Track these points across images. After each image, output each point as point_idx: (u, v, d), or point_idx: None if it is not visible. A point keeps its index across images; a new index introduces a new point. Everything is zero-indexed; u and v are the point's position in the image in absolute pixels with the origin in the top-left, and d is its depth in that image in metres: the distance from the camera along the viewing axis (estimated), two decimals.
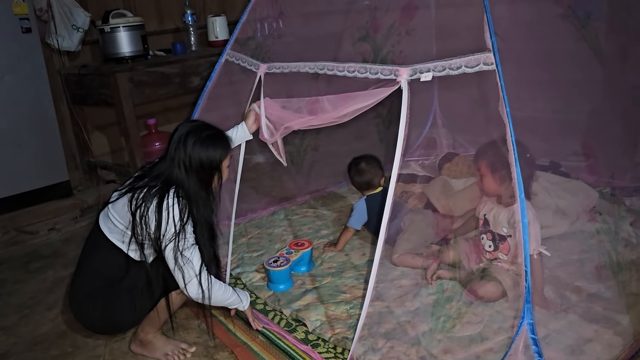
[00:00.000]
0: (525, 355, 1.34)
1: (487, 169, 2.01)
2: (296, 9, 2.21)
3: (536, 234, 1.91)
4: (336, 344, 1.85)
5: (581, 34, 2.54)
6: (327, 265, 2.39)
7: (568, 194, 2.48)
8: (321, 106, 1.87)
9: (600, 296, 1.95)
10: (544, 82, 3.14)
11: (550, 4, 2.48)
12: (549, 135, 3.25)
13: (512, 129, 1.38)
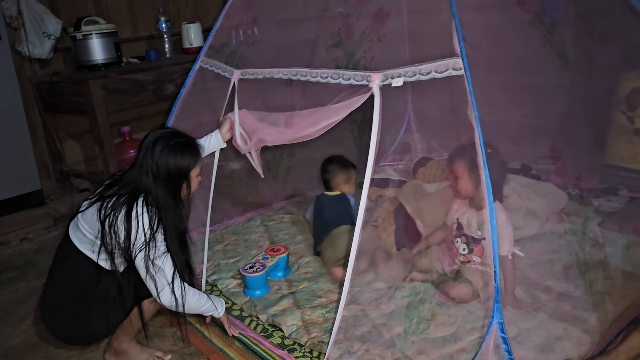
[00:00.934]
0: (496, 354, 1.37)
1: (464, 170, 2.02)
2: (270, 16, 2.23)
3: (509, 235, 1.96)
4: (312, 348, 1.86)
5: (547, 40, 2.61)
6: (303, 271, 2.40)
7: (538, 196, 2.54)
8: (297, 121, 1.89)
9: (569, 295, 2.00)
10: (514, 87, 3.21)
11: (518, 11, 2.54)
12: (519, 139, 3.32)
13: (481, 133, 1.41)
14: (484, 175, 1.40)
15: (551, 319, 1.87)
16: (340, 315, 1.67)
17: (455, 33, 1.44)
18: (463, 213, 2.10)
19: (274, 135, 2.02)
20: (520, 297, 1.99)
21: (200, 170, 1.84)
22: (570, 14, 3.03)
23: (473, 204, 2.07)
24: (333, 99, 1.76)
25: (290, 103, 2.01)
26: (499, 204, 1.99)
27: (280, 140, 2.03)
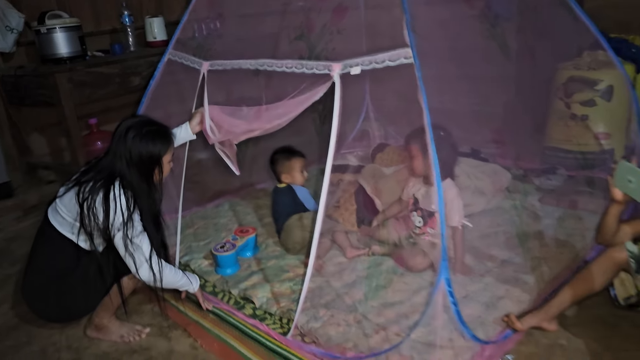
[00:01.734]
0: (444, 307, 1.58)
1: (418, 151, 2.20)
2: (235, 10, 2.36)
3: (459, 208, 2.17)
4: (282, 316, 2.02)
5: (491, 33, 2.84)
6: (271, 249, 2.56)
7: (485, 175, 2.77)
8: (266, 115, 2.03)
9: (511, 262, 2.24)
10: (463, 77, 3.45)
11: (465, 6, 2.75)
12: (469, 126, 3.57)
13: (429, 115, 1.59)
14: (432, 151, 1.58)
15: (495, 281, 2.09)
16: (307, 285, 1.84)
17: (405, 25, 1.61)
18: (418, 189, 2.30)
19: (243, 127, 2.15)
20: (468, 265, 2.21)
21: (171, 157, 1.96)
22: (513, 9, 3.29)
23: (428, 181, 2.25)
24: (297, 88, 1.92)
25: (258, 93, 2.15)
26: (451, 181, 2.20)
27: (250, 132, 2.15)
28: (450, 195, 2.15)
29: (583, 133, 3.04)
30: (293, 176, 2.57)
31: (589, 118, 3.01)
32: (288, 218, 2.48)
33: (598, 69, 3.01)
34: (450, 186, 2.17)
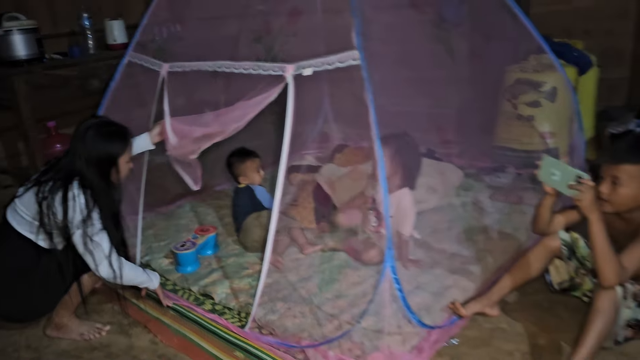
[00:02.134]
0: (391, 294, 1.67)
1: (386, 158, 2.27)
2: (195, 14, 2.42)
3: (412, 218, 2.27)
4: (240, 310, 2.09)
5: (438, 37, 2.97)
6: (231, 248, 2.62)
7: (437, 173, 2.90)
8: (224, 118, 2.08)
9: (459, 254, 2.36)
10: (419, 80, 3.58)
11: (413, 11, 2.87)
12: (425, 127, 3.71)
13: (375, 114, 1.69)
14: (377, 150, 1.68)
15: (444, 272, 2.21)
16: (263, 280, 1.91)
17: (354, 28, 1.71)
18: (377, 192, 2.38)
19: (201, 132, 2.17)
20: (419, 258, 2.32)
21: (130, 157, 2.00)
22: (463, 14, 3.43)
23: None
24: (254, 89, 1.99)
25: (217, 95, 2.21)
26: (408, 190, 2.30)
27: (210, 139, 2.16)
28: (405, 204, 2.25)
29: (529, 132, 3.20)
30: (249, 177, 2.63)
31: (535, 118, 3.18)
32: (246, 217, 2.54)
33: (542, 71, 3.19)
34: (407, 195, 2.27)
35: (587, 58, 3.33)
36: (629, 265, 1.53)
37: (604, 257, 1.51)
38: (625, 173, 1.59)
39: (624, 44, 3.52)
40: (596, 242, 1.52)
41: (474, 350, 1.77)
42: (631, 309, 1.60)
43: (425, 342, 1.79)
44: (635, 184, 1.59)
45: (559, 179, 1.61)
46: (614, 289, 1.54)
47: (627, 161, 1.59)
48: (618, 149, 1.66)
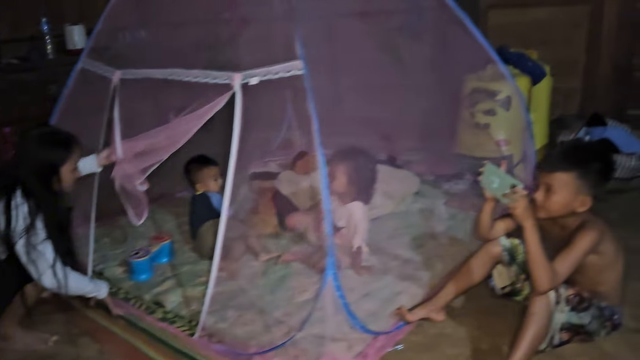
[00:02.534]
0: (334, 301, 1.69)
1: (342, 173, 2.29)
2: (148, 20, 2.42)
3: (364, 231, 2.29)
4: (191, 319, 2.08)
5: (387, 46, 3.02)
6: (187, 255, 2.61)
7: (394, 180, 2.95)
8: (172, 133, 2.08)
9: (412, 260, 2.40)
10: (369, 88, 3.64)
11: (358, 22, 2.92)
12: (389, 134, 3.76)
13: (317, 122, 1.71)
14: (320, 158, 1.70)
15: (395, 279, 2.24)
16: (211, 288, 1.91)
17: (297, 38, 1.73)
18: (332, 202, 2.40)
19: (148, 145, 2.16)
20: (373, 264, 2.35)
21: (75, 166, 1.98)
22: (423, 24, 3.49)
23: (340, 199, 2.36)
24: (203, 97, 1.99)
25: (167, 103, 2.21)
26: (360, 203, 2.32)
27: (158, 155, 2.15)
28: (356, 217, 2.28)
29: (486, 140, 3.27)
30: (206, 184, 2.62)
31: (491, 126, 3.25)
32: (202, 224, 2.54)
33: (498, 80, 3.26)
34: (359, 208, 2.30)
35: (541, 68, 3.42)
36: (560, 271, 1.58)
37: (536, 263, 1.56)
38: (558, 181, 1.64)
39: (577, 54, 3.63)
40: (529, 248, 1.57)
41: (418, 355, 1.80)
42: (565, 313, 1.64)
43: (371, 348, 1.81)
44: (567, 192, 1.64)
45: (497, 186, 1.66)
46: (547, 293, 1.59)
47: (559, 169, 1.64)
48: (551, 158, 1.71)
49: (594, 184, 1.65)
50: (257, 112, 2.77)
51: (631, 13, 3.44)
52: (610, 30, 3.45)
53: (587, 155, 1.67)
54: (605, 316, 1.74)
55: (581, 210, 1.67)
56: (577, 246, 1.61)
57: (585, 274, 1.72)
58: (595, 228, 1.64)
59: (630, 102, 3.60)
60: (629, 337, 1.81)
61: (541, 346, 1.65)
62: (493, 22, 3.83)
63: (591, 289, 1.74)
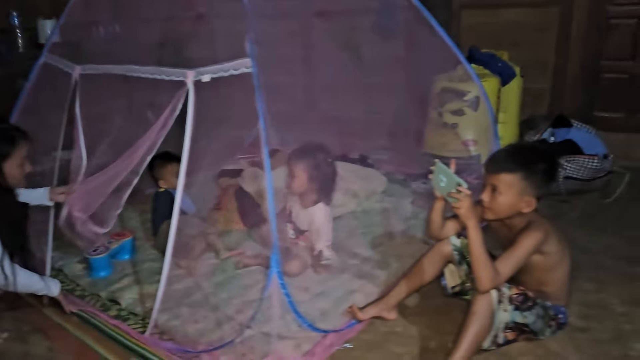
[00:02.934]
0: (279, 299, 1.69)
1: (301, 172, 2.27)
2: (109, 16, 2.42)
3: (327, 235, 2.29)
4: (145, 316, 2.07)
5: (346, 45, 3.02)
6: (148, 252, 2.60)
7: (359, 179, 2.95)
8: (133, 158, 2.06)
9: (371, 259, 2.40)
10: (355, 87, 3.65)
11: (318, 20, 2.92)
12: (360, 133, 3.77)
13: (263, 121, 1.71)
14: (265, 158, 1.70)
15: (352, 277, 2.25)
16: (163, 286, 1.91)
17: (248, 36, 1.73)
18: (293, 205, 2.40)
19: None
20: (331, 263, 2.35)
21: (23, 160, 1.96)
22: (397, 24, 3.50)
23: (302, 202, 2.36)
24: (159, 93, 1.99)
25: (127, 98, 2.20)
26: (323, 205, 2.32)
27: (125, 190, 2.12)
28: (318, 221, 2.28)
29: (454, 140, 3.29)
30: (169, 181, 2.61)
31: (459, 126, 3.27)
32: (163, 222, 2.53)
33: (467, 81, 3.27)
34: (321, 210, 2.30)
35: (510, 69, 3.44)
36: (502, 271, 1.59)
37: (478, 262, 1.57)
38: (503, 182, 1.66)
39: (547, 55, 3.66)
40: (472, 248, 1.58)
41: (366, 353, 1.81)
42: (508, 312, 1.66)
43: (319, 346, 1.81)
44: (512, 192, 1.65)
45: (444, 185, 1.67)
46: (489, 292, 1.60)
47: (503, 170, 1.65)
48: (496, 159, 1.72)
49: (539, 185, 1.67)
50: (229, 109, 2.77)
51: (600, 15, 3.47)
52: (579, 32, 3.47)
53: (532, 156, 1.69)
54: (550, 315, 1.76)
55: (526, 211, 1.68)
56: (520, 247, 1.62)
57: (531, 274, 1.74)
58: (539, 229, 1.65)
59: (597, 103, 3.63)
60: (574, 336, 1.83)
61: (485, 345, 1.66)
62: (466, 23, 3.85)
63: (537, 288, 1.75)
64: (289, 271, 2.28)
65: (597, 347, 1.77)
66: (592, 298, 2.04)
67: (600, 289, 2.11)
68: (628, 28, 3.41)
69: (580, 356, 1.73)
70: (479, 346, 1.62)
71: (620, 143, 3.56)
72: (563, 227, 2.67)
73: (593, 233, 2.59)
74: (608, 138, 3.54)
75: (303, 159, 2.29)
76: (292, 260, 2.32)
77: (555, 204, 2.91)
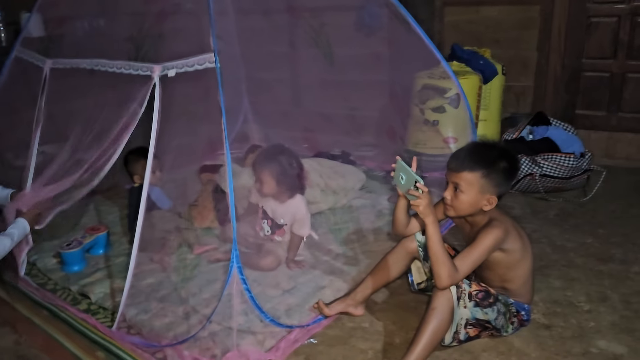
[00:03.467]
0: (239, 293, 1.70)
1: (268, 177, 2.27)
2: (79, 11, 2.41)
3: (308, 222, 2.30)
4: (114, 310, 2.07)
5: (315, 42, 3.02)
6: (124, 247, 2.60)
7: (338, 176, 2.95)
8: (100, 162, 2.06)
9: (344, 255, 2.41)
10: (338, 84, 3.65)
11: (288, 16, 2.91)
12: (346, 130, 3.78)
13: (225, 117, 1.71)
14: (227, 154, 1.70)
15: (323, 273, 2.25)
16: (129, 280, 1.91)
17: (211, 31, 1.73)
18: (267, 203, 2.39)
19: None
20: (305, 259, 2.36)
21: None
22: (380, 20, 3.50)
23: (277, 199, 2.35)
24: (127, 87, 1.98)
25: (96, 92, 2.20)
26: (300, 197, 2.33)
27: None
28: (300, 213, 2.29)
29: (435, 137, 3.29)
30: (143, 176, 2.60)
31: (440, 123, 3.27)
32: (136, 218, 2.52)
33: (448, 78, 3.27)
34: (300, 202, 2.32)
35: (492, 66, 3.44)
36: (461, 268, 1.60)
37: (436, 259, 1.57)
38: (464, 180, 1.66)
39: (529, 53, 3.66)
40: (429, 245, 1.58)
41: (330, 349, 1.81)
42: (468, 308, 1.66)
43: (284, 341, 1.82)
44: (473, 191, 1.66)
45: (404, 183, 1.67)
46: (448, 289, 1.61)
47: (465, 169, 1.66)
48: (457, 158, 1.72)
49: (500, 183, 1.67)
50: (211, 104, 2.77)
51: (581, 13, 3.46)
52: (560, 29, 3.47)
53: (493, 155, 1.68)
54: (512, 312, 1.76)
55: (488, 209, 1.69)
56: (479, 244, 1.62)
57: (494, 271, 1.74)
58: (499, 227, 1.66)
59: (579, 102, 3.63)
60: (538, 332, 1.83)
61: (446, 341, 1.67)
62: (449, 20, 3.84)
63: (500, 285, 1.76)
64: (263, 266, 2.30)
65: (559, 344, 1.78)
66: (559, 295, 2.05)
67: (569, 286, 2.11)
68: (608, 26, 3.41)
69: (542, 353, 1.74)
70: (437, 342, 1.62)
71: (602, 141, 3.57)
72: (539, 224, 2.71)
73: (568, 231, 2.59)
74: (590, 136, 3.57)
75: (267, 166, 2.28)
76: (266, 256, 2.32)
77: (533, 202, 2.92)
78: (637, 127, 3.49)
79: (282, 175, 2.25)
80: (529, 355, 1.73)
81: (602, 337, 1.80)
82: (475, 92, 3.37)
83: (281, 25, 2.99)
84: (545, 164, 2.84)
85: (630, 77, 3.44)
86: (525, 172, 2.93)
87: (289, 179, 2.27)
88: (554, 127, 3.03)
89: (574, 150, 2.88)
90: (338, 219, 2.76)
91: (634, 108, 3.48)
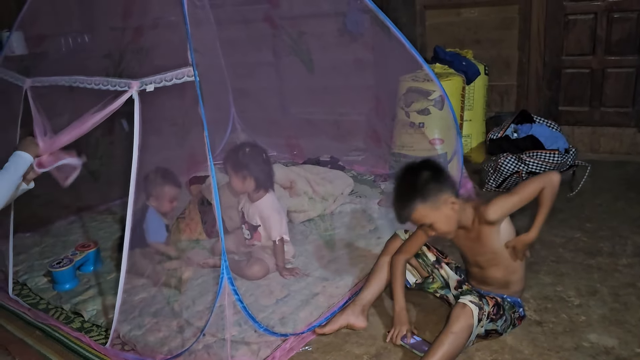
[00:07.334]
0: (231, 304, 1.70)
1: (230, 171, 2.28)
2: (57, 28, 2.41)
3: (280, 222, 2.29)
4: (108, 327, 2.06)
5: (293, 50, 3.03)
6: (114, 263, 2.59)
7: (326, 182, 2.96)
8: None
9: (336, 260, 2.41)
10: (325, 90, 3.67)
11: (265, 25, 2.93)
12: (337, 135, 3.80)
13: (206, 128, 1.71)
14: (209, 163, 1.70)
15: (316, 279, 2.26)
16: (120, 296, 1.90)
17: (188, 45, 1.73)
18: (243, 204, 2.40)
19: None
20: (297, 266, 2.36)
21: None
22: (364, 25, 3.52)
23: (250, 198, 2.36)
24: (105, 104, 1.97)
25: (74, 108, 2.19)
26: (270, 196, 2.32)
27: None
28: (266, 211, 2.28)
29: (421, 139, 3.31)
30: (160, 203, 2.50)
31: (425, 125, 3.29)
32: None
33: (432, 80, 3.29)
34: (266, 200, 2.31)
35: (474, 67, 3.48)
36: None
37: None
38: (421, 217, 1.68)
39: (511, 52, 3.70)
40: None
41: (325, 355, 1.82)
42: (484, 326, 1.67)
43: (280, 350, 1.82)
44: (433, 216, 1.67)
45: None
46: (471, 312, 1.61)
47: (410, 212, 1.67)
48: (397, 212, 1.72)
49: (439, 189, 1.67)
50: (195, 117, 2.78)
51: (559, 11, 3.51)
52: (539, 28, 3.52)
53: (410, 181, 1.69)
54: (515, 317, 1.80)
55: (457, 208, 1.70)
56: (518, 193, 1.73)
57: (498, 266, 1.77)
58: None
59: (561, 98, 3.68)
60: (530, 329, 1.85)
61: None
62: (430, 23, 3.88)
63: (505, 280, 1.79)
64: (250, 276, 2.29)
65: (551, 339, 1.79)
66: (550, 291, 2.07)
67: (559, 282, 2.13)
68: (585, 23, 3.46)
69: (535, 349, 1.75)
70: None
71: (586, 136, 3.62)
72: (528, 221, 2.73)
73: (555, 226, 2.62)
74: (574, 132, 3.61)
75: (233, 163, 2.29)
76: (252, 265, 2.31)
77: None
78: (620, 121, 3.54)
79: (249, 176, 2.25)
80: (522, 352, 1.74)
81: (592, 331, 1.82)
82: (459, 93, 3.40)
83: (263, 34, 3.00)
84: (530, 161, 2.88)
85: (609, 72, 3.49)
86: (511, 170, 2.96)
87: (256, 174, 2.27)
88: (538, 125, 3.06)
89: (558, 146, 2.92)
90: (328, 225, 2.77)
91: (615, 102, 3.53)
